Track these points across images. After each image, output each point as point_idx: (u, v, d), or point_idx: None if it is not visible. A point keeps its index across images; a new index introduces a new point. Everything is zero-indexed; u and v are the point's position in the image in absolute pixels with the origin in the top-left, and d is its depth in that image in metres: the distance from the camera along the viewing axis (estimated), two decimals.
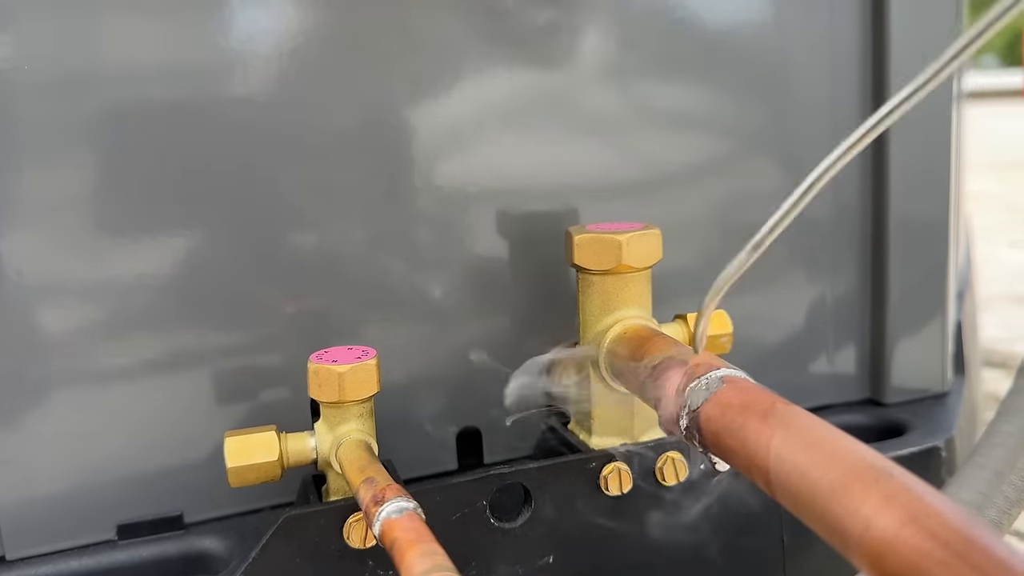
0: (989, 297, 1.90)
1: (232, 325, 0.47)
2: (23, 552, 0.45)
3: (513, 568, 0.45)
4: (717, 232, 0.56)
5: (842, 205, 0.58)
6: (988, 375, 1.35)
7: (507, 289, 0.52)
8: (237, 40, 0.45)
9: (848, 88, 0.57)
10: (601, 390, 0.47)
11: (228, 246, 0.47)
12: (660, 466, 0.46)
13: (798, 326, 0.59)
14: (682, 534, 0.47)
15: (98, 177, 0.44)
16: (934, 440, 0.54)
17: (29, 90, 0.42)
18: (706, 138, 0.55)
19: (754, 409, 0.31)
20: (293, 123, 0.47)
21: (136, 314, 0.46)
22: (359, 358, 0.42)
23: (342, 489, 0.44)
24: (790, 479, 0.28)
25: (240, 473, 0.42)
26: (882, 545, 0.23)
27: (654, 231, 0.46)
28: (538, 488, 0.45)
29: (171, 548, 0.46)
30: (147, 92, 0.44)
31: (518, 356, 0.53)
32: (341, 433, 0.42)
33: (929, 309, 0.60)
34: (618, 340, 0.45)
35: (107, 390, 0.46)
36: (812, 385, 0.60)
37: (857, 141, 0.28)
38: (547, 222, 0.52)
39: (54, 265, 0.44)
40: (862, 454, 0.26)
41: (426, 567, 0.30)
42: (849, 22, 0.56)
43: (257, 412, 0.48)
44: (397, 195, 0.49)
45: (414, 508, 0.35)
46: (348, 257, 0.49)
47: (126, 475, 0.47)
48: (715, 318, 0.49)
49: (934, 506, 0.23)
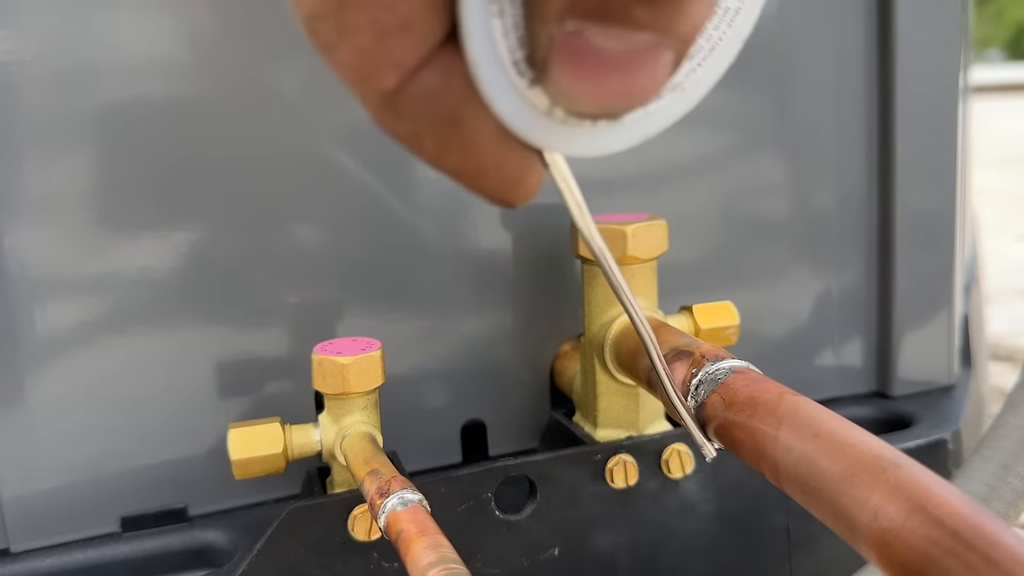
0: (995, 291, 1.90)
1: (235, 317, 0.47)
2: (27, 544, 0.45)
3: (518, 560, 0.45)
4: (722, 224, 0.56)
5: (848, 198, 0.58)
6: (994, 369, 1.35)
7: (512, 281, 0.52)
8: (239, 35, 0.45)
9: (853, 81, 0.57)
10: (606, 382, 0.47)
11: (231, 238, 0.46)
12: (666, 458, 0.46)
13: (804, 319, 0.59)
14: (688, 526, 0.47)
15: (100, 171, 0.44)
16: (941, 433, 0.54)
17: (31, 84, 0.42)
18: (711, 131, 0.55)
19: (761, 400, 0.30)
20: (295, 116, 0.46)
21: (139, 307, 0.46)
22: (363, 350, 0.42)
23: (347, 481, 0.44)
24: (798, 469, 0.27)
25: (244, 465, 0.42)
26: (890, 534, 0.23)
27: (660, 222, 0.46)
28: (543, 480, 0.45)
29: (175, 541, 0.46)
30: (150, 86, 0.44)
31: (523, 348, 0.53)
32: (345, 425, 0.42)
33: (936, 302, 0.60)
34: (624, 331, 0.45)
35: (110, 383, 0.46)
36: (818, 378, 0.60)
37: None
38: (552, 214, 0.52)
39: (56, 259, 0.44)
40: (870, 444, 0.26)
41: (432, 559, 0.30)
42: (854, 15, 0.56)
43: (261, 404, 0.48)
44: (402, 187, 0.49)
45: (419, 500, 0.35)
46: (352, 249, 0.49)
47: (130, 468, 0.47)
48: (721, 310, 0.49)
49: (942, 495, 0.23)
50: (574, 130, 0.22)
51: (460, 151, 0.21)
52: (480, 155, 0.22)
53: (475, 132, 0.21)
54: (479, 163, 0.22)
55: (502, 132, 0.21)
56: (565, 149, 0.23)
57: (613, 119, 0.22)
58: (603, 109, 0.20)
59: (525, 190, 0.23)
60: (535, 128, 0.21)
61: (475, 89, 0.20)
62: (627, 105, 0.20)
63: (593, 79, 0.19)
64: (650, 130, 0.24)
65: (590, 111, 0.20)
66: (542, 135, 0.22)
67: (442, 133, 0.21)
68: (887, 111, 0.57)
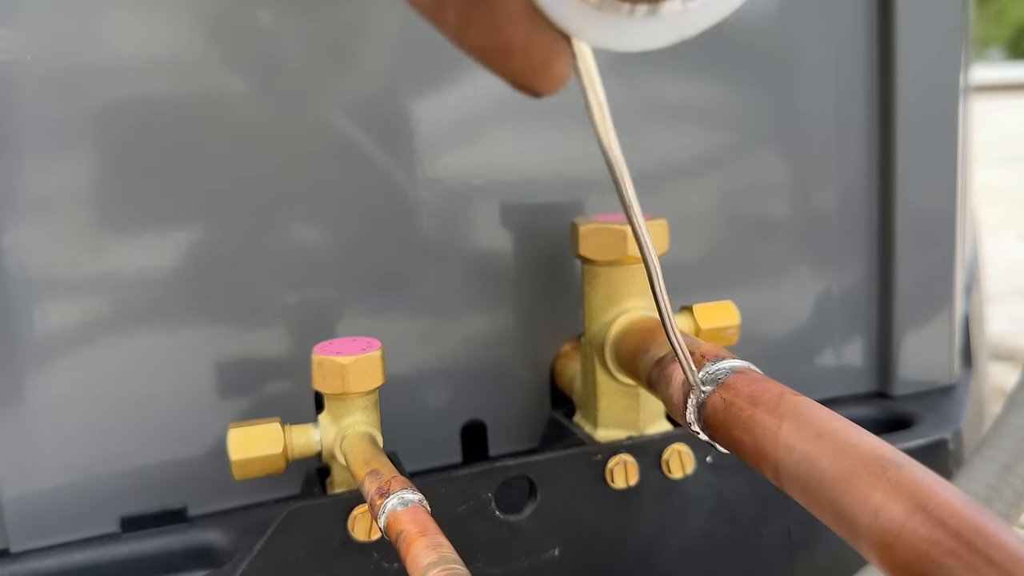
0: (996, 291, 1.90)
1: (235, 317, 0.47)
2: (27, 545, 0.45)
3: (518, 561, 0.45)
4: (723, 224, 0.56)
5: (848, 197, 0.58)
6: (995, 369, 1.35)
7: (512, 281, 0.52)
8: (240, 35, 0.45)
9: (854, 80, 0.57)
10: (606, 382, 0.47)
11: (231, 238, 0.46)
12: (666, 458, 0.46)
13: (804, 319, 0.59)
14: (688, 526, 0.47)
15: (100, 171, 0.44)
16: (942, 433, 0.54)
17: (31, 83, 0.42)
18: (711, 130, 0.55)
19: (762, 399, 0.30)
20: (296, 117, 0.46)
21: (139, 307, 0.46)
22: (363, 350, 0.42)
23: (347, 481, 0.44)
24: (798, 469, 0.27)
25: (244, 465, 0.42)
26: (890, 535, 0.23)
27: (660, 222, 0.46)
28: (543, 481, 0.44)
29: (175, 541, 0.46)
30: (150, 86, 0.44)
31: (523, 348, 0.53)
32: (345, 425, 0.42)
33: (936, 302, 0.60)
34: (624, 331, 0.45)
35: (110, 383, 0.46)
36: (819, 378, 0.60)
37: None
38: (553, 214, 0.52)
39: (56, 259, 0.44)
40: (871, 444, 0.26)
41: (432, 559, 0.30)
42: (854, 15, 0.56)
43: (261, 404, 0.48)
44: (402, 188, 0.49)
45: (419, 500, 0.35)
46: (352, 249, 0.48)
47: (130, 468, 0.47)
48: (722, 310, 0.49)
49: (943, 495, 0.23)
50: (609, 17, 0.21)
51: (485, 25, 0.20)
52: (506, 31, 0.20)
53: (502, 5, 0.20)
54: (504, 40, 0.20)
55: (531, 9, 0.20)
56: (596, 38, 0.21)
57: (654, 8, 0.21)
58: None
59: (551, 77, 0.22)
60: (568, 10, 0.20)
61: None
62: None
63: None
64: (686, 29, 0.22)
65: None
66: (574, 19, 0.21)
67: (467, 3, 0.20)
68: (887, 110, 0.57)
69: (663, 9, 0.21)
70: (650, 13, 0.21)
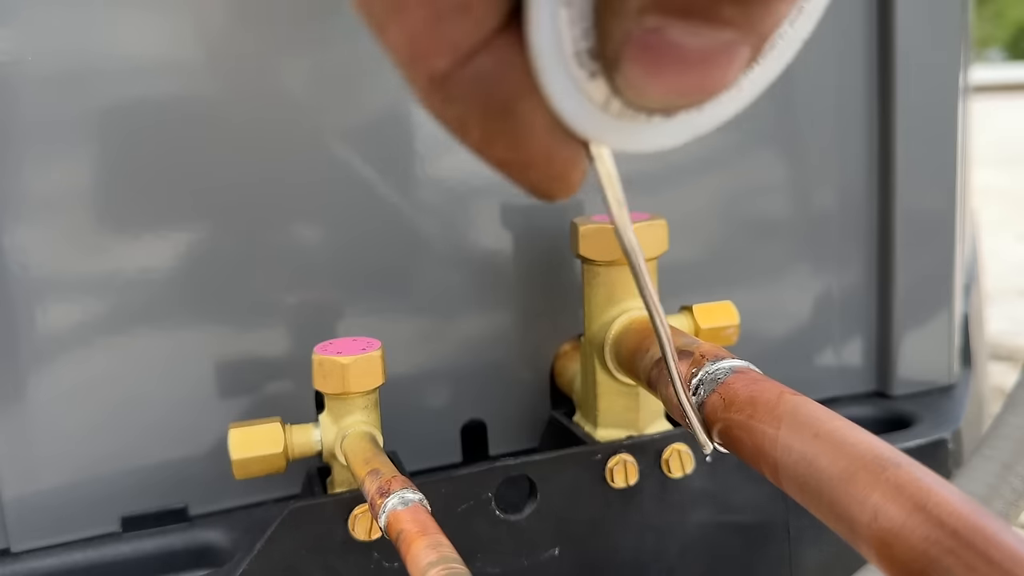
0: (995, 291, 1.90)
1: (236, 317, 0.47)
2: (28, 544, 0.46)
3: (519, 560, 0.45)
4: (722, 224, 0.56)
5: (848, 198, 0.58)
6: (995, 368, 1.35)
7: (512, 281, 0.52)
8: (240, 34, 0.45)
9: (853, 81, 0.57)
10: (606, 382, 0.47)
11: (231, 238, 0.46)
12: (666, 458, 0.46)
13: (804, 319, 0.59)
14: (688, 526, 0.47)
15: (100, 171, 0.44)
16: (941, 432, 0.54)
17: (32, 84, 0.42)
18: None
19: (761, 399, 0.30)
20: (296, 117, 0.46)
21: (139, 307, 0.46)
22: (363, 349, 0.42)
23: (347, 481, 0.44)
24: (797, 469, 0.27)
25: (245, 465, 0.42)
26: (890, 534, 0.23)
27: (660, 222, 0.46)
28: (543, 480, 0.45)
29: (176, 540, 0.46)
30: (151, 87, 0.44)
31: (523, 348, 0.53)
32: (346, 425, 0.42)
33: (936, 302, 0.60)
34: (624, 331, 0.45)
35: (110, 383, 0.46)
36: (818, 378, 0.60)
37: None
38: (553, 214, 0.52)
39: (57, 259, 0.44)
40: (870, 443, 0.26)
41: (432, 559, 0.30)
42: (854, 15, 0.56)
43: (261, 404, 0.48)
44: (401, 187, 0.49)
45: (420, 500, 0.35)
46: (352, 249, 0.49)
47: (130, 468, 0.47)
48: (721, 309, 0.49)
49: (942, 495, 0.23)
50: (626, 124, 0.21)
51: (508, 142, 0.20)
52: (529, 147, 0.21)
53: (526, 123, 0.20)
54: (527, 155, 0.21)
55: (553, 125, 0.21)
56: (615, 143, 0.22)
57: (670, 114, 0.21)
58: (669, 104, 0.19)
59: (569, 184, 0.22)
60: (588, 121, 0.21)
61: (532, 79, 0.20)
62: (695, 101, 0.19)
63: (668, 75, 0.18)
64: (700, 127, 0.23)
65: (656, 106, 0.20)
66: (594, 128, 0.21)
67: (491, 122, 0.20)
68: (887, 111, 0.57)
69: (679, 114, 0.22)
70: (666, 118, 0.22)
